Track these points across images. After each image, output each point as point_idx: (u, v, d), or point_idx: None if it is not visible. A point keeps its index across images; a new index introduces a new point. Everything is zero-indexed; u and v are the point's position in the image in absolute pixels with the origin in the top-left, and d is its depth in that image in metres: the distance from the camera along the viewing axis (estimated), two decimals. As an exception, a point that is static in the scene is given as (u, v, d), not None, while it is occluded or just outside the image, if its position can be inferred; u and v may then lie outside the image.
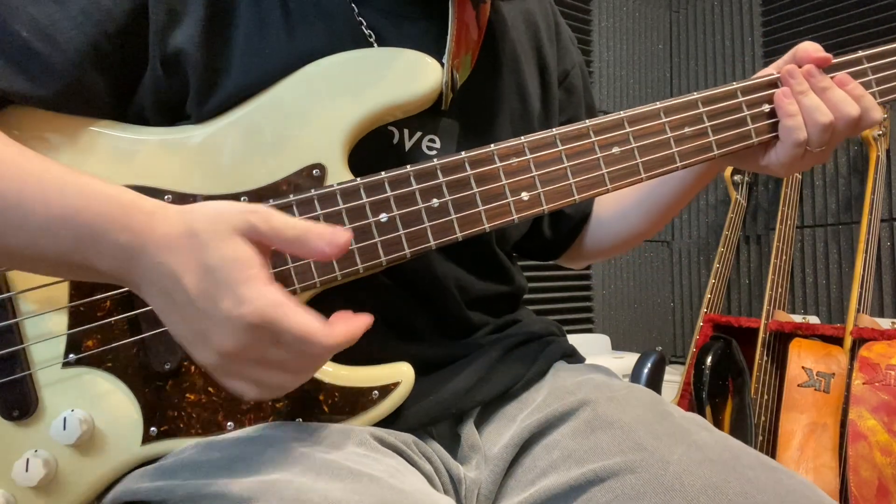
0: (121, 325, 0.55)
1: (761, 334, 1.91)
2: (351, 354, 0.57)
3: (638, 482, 0.53)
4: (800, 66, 0.64)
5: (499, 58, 0.71)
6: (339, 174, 0.57)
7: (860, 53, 0.66)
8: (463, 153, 0.58)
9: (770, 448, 1.83)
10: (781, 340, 1.89)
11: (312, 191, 0.56)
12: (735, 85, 0.64)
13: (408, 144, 0.64)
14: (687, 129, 0.62)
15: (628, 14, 2.59)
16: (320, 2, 0.62)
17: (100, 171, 0.56)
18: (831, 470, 1.59)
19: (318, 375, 0.56)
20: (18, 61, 0.55)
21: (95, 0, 0.57)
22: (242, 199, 0.56)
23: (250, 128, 0.58)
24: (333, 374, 0.57)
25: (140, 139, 0.58)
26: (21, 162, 0.50)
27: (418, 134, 0.64)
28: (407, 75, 0.58)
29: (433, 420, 0.62)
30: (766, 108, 0.64)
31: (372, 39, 0.63)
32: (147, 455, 0.56)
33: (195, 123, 0.59)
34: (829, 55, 0.64)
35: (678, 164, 0.62)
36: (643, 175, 0.61)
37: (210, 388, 0.55)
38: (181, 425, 0.55)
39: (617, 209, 0.81)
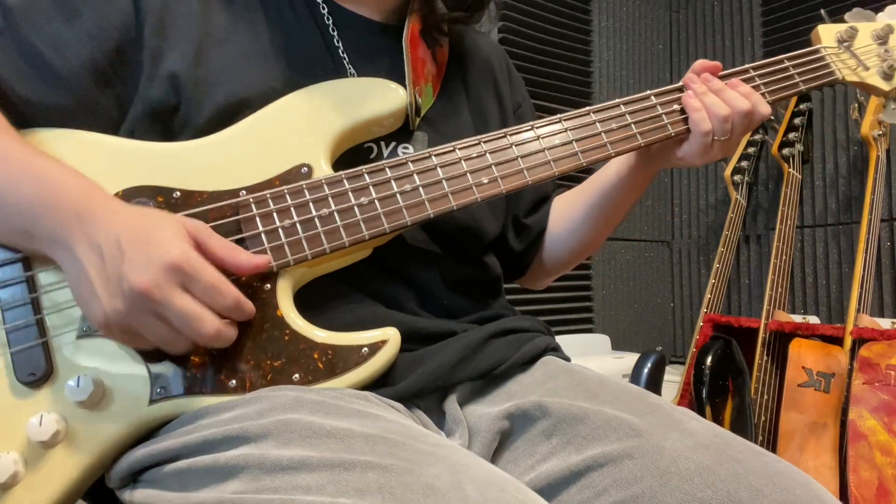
0: None
1: (761, 334, 1.91)
2: (341, 325, 0.63)
3: (635, 467, 0.56)
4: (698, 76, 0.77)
5: (460, 88, 0.84)
6: (324, 172, 0.66)
7: (747, 65, 0.81)
8: (428, 150, 0.69)
9: (770, 448, 1.83)
10: (781, 340, 1.89)
11: (302, 183, 0.65)
12: (649, 92, 0.78)
13: (385, 152, 0.73)
14: (614, 125, 0.75)
15: (628, 14, 2.59)
16: (304, 32, 0.74)
17: (106, 172, 0.63)
18: (831, 470, 1.59)
19: (311, 336, 0.62)
20: (38, 69, 0.64)
21: (100, 22, 0.66)
22: (242, 192, 0.64)
23: (248, 136, 0.67)
24: (326, 334, 0.62)
25: (143, 147, 0.66)
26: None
27: (393, 143, 0.74)
28: (379, 97, 0.70)
29: (420, 391, 0.65)
30: (677, 107, 0.77)
31: (348, 66, 0.74)
32: (155, 415, 0.59)
33: (189, 138, 0.66)
34: (718, 63, 0.78)
35: (611, 152, 0.74)
36: (583, 161, 0.72)
37: (213, 350, 0.60)
38: (186, 385, 0.59)
39: (567, 224, 0.92)
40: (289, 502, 0.46)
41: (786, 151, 2.08)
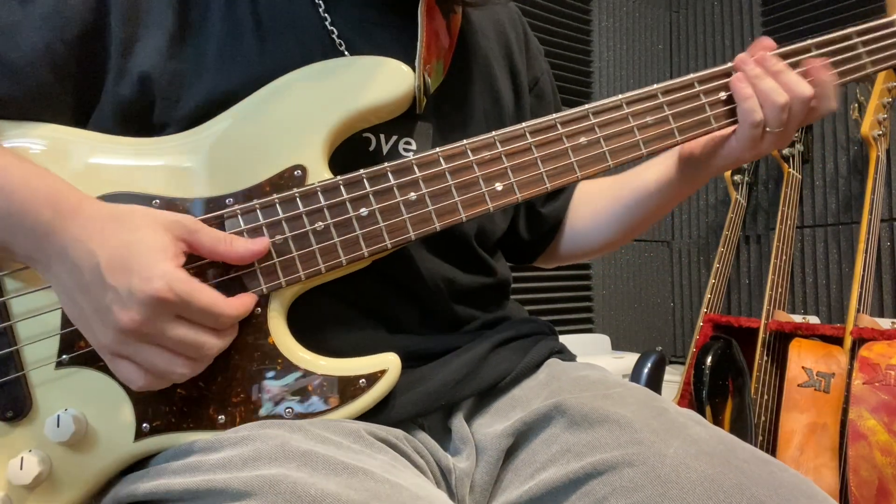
0: None
1: (761, 334, 1.91)
2: (339, 348, 0.59)
3: (636, 475, 0.54)
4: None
5: (471, 63, 0.74)
6: (319, 174, 0.59)
7: (808, 41, 0.68)
8: (437, 149, 0.60)
9: (770, 448, 1.83)
10: (781, 340, 1.89)
11: (294, 190, 0.58)
12: (692, 76, 0.67)
13: (385, 148, 0.66)
14: (649, 118, 0.65)
15: (628, 14, 2.59)
16: (291, 12, 0.65)
17: (80, 176, 0.57)
18: (831, 470, 1.59)
19: (306, 366, 0.57)
20: None
21: (57, 6, 0.59)
22: (228, 200, 0.58)
23: (232, 135, 0.60)
24: (320, 364, 0.58)
25: (120, 148, 0.60)
26: None
27: (394, 138, 0.66)
28: (382, 80, 0.61)
29: (423, 411, 0.62)
30: (723, 95, 0.67)
31: (343, 48, 0.65)
32: (141, 451, 0.56)
33: (170, 133, 0.60)
34: (772, 42, 0.67)
35: (643, 151, 0.64)
36: (610, 162, 0.64)
37: (200, 383, 0.56)
38: (173, 420, 0.56)
39: (591, 222, 0.84)
40: None
41: (786, 151, 2.08)
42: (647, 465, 0.55)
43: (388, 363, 0.59)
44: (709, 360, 1.78)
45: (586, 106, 0.64)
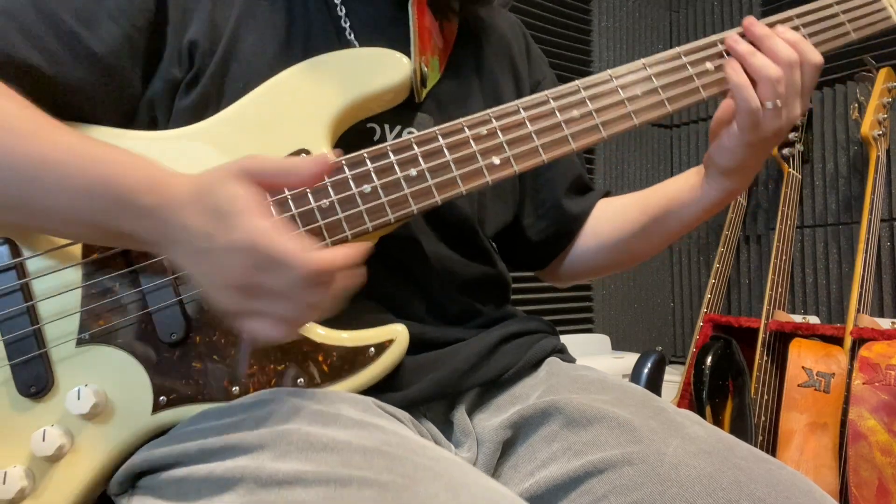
0: (129, 301, 0.60)
1: (761, 334, 1.91)
2: (350, 328, 0.61)
3: (635, 473, 0.55)
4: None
5: (472, 63, 0.78)
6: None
7: (790, 12, 0.71)
8: (435, 127, 0.63)
9: (770, 448, 1.83)
10: (781, 340, 1.89)
11: None
12: (677, 49, 0.69)
13: (389, 138, 0.69)
14: (638, 90, 0.67)
15: (628, 14, 2.59)
16: (312, 12, 0.70)
17: None
18: (831, 470, 1.59)
19: (315, 338, 0.60)
20: (69, 44, 0.61)
21: None
22: None
23: (245, 119, 0.64)
24: (330, 336, 0.60)
25: (137, 138, 0.64)
26: (58, 133, 0.56)
27: (398, 128, 0.69)
28: (381, 67, 0.65)
29: (429, 397, 0.64)
30: (709, 66, 0.68)
31: (356, 44, 0.69)
32: (158, 423, 0.58)
33: (183, 115, 0.64)
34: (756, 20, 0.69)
35: (635, 122, 0.66)
36: (604, 133, 0.65)
37: (215, 356, 0.59)
38: (189, 392, 0.58)
39: (615, 234, 0.83)
40: None
41: (786, 151, 2.08)
42: (647, 463, 0.55)
43: (396, 333, 0.61)
44: (709, 360, 1.78)
45: (577, 81, 0.66)
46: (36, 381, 0.57)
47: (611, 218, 0.84)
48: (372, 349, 0.60)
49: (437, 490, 0.45)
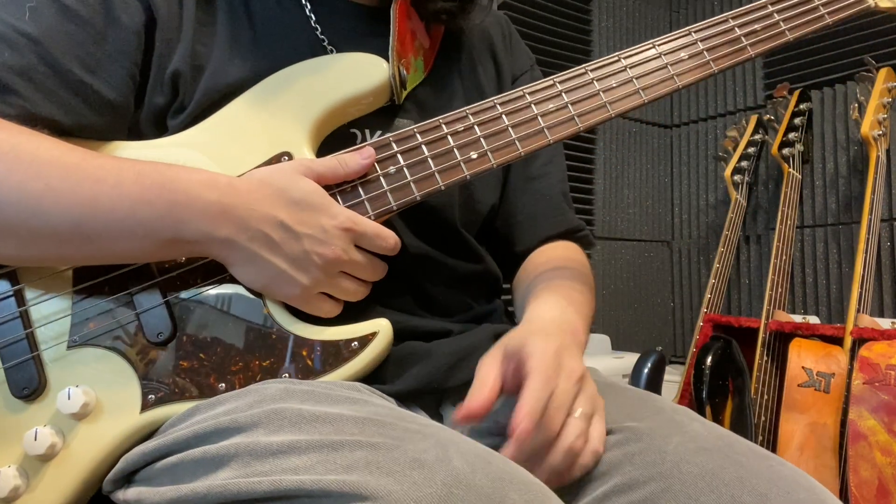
0: (118, 303, 0.62)
1: (761, 334, 1.91)
2: (333, 323, 0.63)
3: (636, 472, 0.55)
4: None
5: (456, 65, 0.80)
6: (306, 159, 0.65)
7: (726, 14, 0.76)
8: (413, 126, 0.65)
9: (770, 448, 1.83)
10: (781, 340, 1.89)
11: None
12: (651, 41, 0.71)
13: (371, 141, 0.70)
14: (613, 82, 0.68)
15: (628, 14, 2.59)
16: (284, 21, 0.71)
17: None
18: (831, 470, 1.59)
19: (299, 332, 0.62)
20: (81, 95, 0.63)
21: (123, 38, 0.65)
22: None
23: (232, 126, 0.66)
24: (313, 330, 0.62)
25: (124, 148, 0.66)
26: (99, 158, 0.60)
27: (378, 132, 0.71)
28: (358, 72, 0.67)
29: (416, 391, 0.64)
30: (683, 55, 0.72)
31: (334, 52, 0.71)
32: (148, 421, 0.60)
33: (177, 132, 0.66)
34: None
35: (611, 113, 0.67)
36: (580, 125, 0.67)
37: (201, 354, 0.60)
38: (176, 390, 0.60)
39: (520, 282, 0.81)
40: (276, 483, 0.46)
41: (786, 151, 2.08)
42: (648, 461, 0.55)
43: (379, 326, 0.62)
44: (709, 360, 1.78)
45: (552, 77, 0.69)
46: (28, 382, 0.59)
47: (524, 272, 0.82)
48: (355, 343, 0.61)
49: (427, 446, 0.46)
